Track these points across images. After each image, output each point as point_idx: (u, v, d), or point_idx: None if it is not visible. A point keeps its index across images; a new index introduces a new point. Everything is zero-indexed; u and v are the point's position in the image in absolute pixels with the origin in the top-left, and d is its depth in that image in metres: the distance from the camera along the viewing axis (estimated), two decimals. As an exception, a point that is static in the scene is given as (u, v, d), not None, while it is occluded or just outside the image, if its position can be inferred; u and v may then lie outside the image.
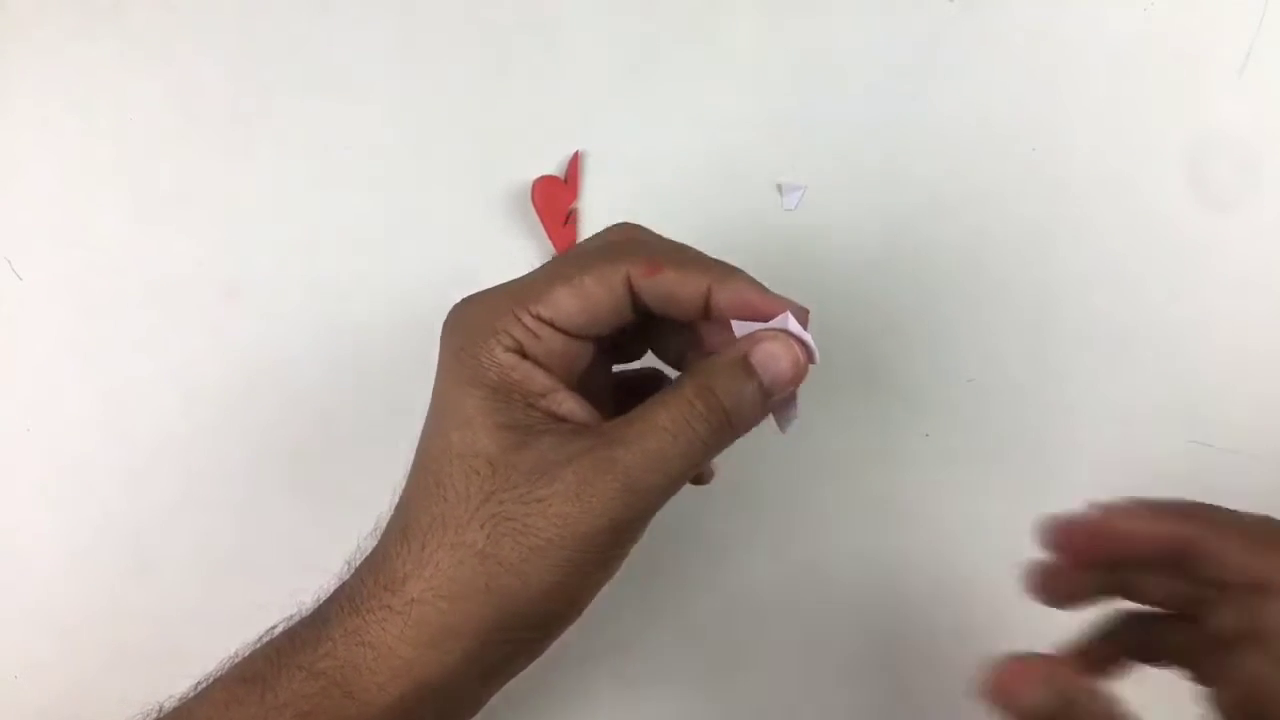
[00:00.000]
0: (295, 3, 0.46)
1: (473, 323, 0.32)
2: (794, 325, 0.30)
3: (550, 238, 0.44)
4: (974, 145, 0.46)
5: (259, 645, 0.33)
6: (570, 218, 0.44)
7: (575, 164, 0.45)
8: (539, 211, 0.44)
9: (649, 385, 0.35)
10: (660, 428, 0.30)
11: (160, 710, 0.33)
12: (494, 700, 0.36)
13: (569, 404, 0.31)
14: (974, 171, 0.46)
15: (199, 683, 0.33)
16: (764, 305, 0.31)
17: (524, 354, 0.31)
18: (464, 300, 0.33)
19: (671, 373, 0.35)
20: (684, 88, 0.46)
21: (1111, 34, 0.47)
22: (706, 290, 0.31)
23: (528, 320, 0.31)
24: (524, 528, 0.30)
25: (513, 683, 0.41)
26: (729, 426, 0.30)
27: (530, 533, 0.30)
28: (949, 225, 0.45)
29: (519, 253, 0.45)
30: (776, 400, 0.31)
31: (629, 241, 0.33)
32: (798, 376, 0.31)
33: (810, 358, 0.31)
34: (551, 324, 0.31)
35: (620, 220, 0.36)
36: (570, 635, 0.32)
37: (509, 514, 0.30)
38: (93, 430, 0.43)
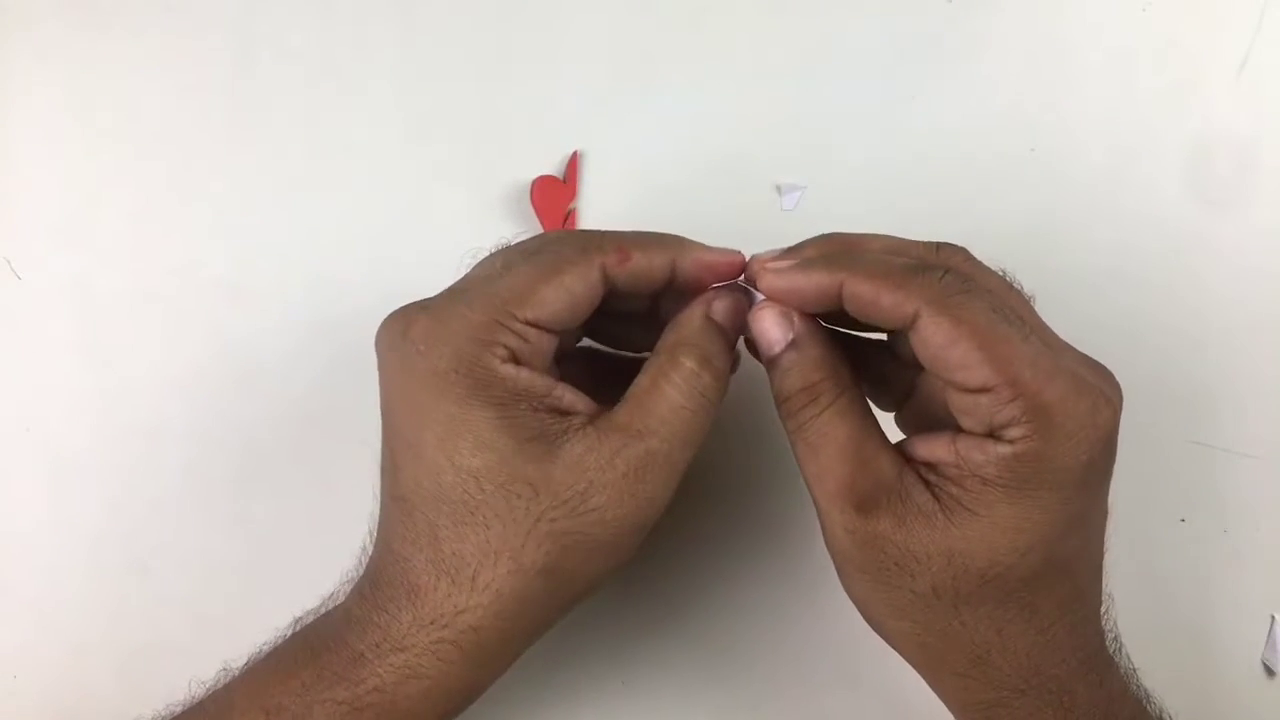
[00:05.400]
0: (295, 2, 0.46)
1: (456, 337, 0.30)
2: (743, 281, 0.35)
3: (549, 238, 0.44)
4: (973, 145, 0.46)
5: (274, 673, 0.32)
6: (569, 217, 0.44)
7: (574, 164, 0.45)
8: (538, 211, 0.44)
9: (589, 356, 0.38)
10: (680, 407, 0.31)
11: None
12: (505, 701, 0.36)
13: (569, 396, 0.32)
14: (973, 171, 0.46)
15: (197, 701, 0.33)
16: (720, 264, 0.34)
17: (518, 361, 0.31)
18: (425, 311, 0.31)
19: None
20: (684, 87, 0.46)
21: (1110, 34, 0.47)
22: (671, 264, 0.33)
23: (517, 327, 0.31)
24: (584, 537, 0.31)
25: (519, 686, 0.41)
26: (726, 382, 0.33)
27: (589, 539, 0.31)
28: (948, 225, 0.45)
29: (518, 253, 0.45)
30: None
31: (588, 232, 0.33)
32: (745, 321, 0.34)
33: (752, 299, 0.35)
34: (538, 325, 0.31)
35: (618, 219, 0.36)
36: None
37: (565, 529, 0.30)
38: (92, 430, 0.43)
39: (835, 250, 0.33)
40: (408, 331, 0.31)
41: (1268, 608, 0.43)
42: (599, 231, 0.33)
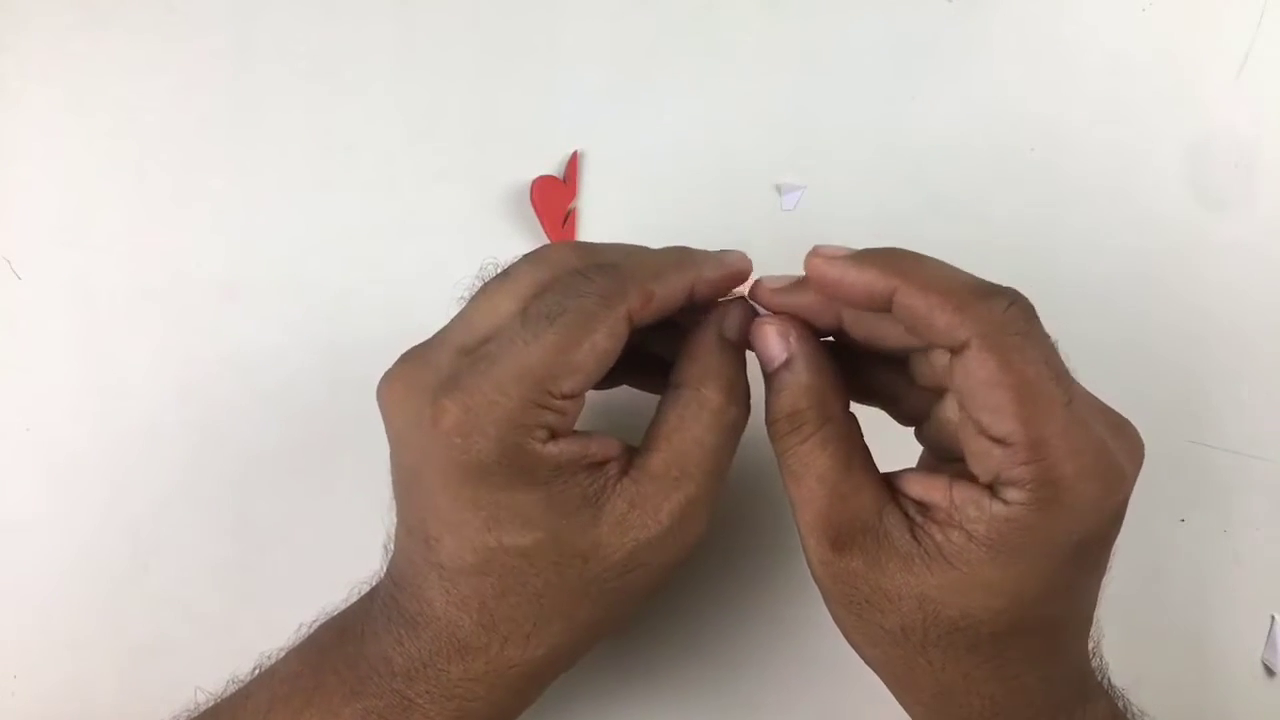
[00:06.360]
0: (295, 2, 0.46)
1: (495, 427, 0.29)
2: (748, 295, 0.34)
3: (549, 238, 0.44)
4: (973, 145, 0.46)
5: (310, 707, 0.32)
6: (569, 218, 0.44)
7: (574, 164, 0.45)
8: (538, 212, 0.44)
9: None
10: (714, 448, 0.31)
11: None
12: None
13: (601, 449, 0.31)
14: (973, 171, 0.46)
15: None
16: (732, 280, 0.33)
17: (556, 435, 0.30)
18: (450, 396, 0.29)
19: None
20: (684, 88, 0.46)
21: (1110, 34, 0.47)
22: (690, 289, 0.32)
23: (555, 404, 0.29)
24: (633, 588, 0.31)
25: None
26: (749, 406, 0.33)
27: (638, 588, 0.32)
28: (948, 226, 0.45)
29: (518, 253, 0.44)
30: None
31: (603, 270, 0.31)
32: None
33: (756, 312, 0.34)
34: (573, 396, 0.30)
35: (618, 219, 0.35)
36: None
37: (616, 586, 0.31)
38: (92, 430, 0.43)
39: (891, 255, 0.30)
40: (439, 420, 0.29)
41: (1268, 608, 0.43)
42: (616, 268, 0.31)
